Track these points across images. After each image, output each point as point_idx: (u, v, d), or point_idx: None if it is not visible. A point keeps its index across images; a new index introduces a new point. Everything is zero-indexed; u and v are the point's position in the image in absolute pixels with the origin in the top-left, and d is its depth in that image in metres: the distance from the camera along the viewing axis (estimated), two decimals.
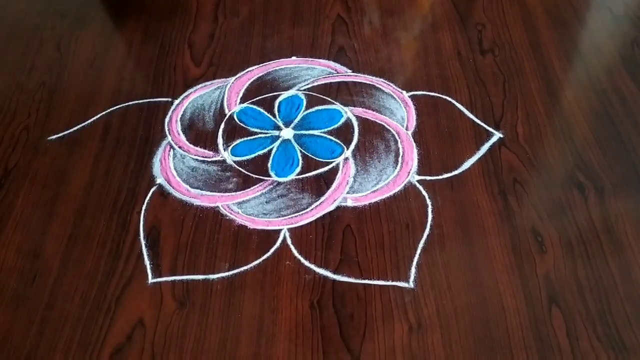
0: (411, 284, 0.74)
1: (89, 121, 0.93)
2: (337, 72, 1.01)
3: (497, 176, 0.85)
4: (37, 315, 0.71)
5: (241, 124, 0.93)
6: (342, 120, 0.93)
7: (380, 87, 0.98)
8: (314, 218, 0.81)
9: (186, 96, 0.97)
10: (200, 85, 0.99)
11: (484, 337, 0.69)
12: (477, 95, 0.96)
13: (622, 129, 0.91)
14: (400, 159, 0.87)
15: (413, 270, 0.75)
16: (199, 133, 0.92)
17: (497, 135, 0.90)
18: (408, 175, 0.85)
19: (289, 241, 0.78)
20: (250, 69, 1.02)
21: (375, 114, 0.94)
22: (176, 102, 0.96)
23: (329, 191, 0.84)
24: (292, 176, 0.86)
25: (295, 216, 0.81)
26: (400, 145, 0.89)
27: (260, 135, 0.91)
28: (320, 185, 0.84)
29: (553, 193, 0.83)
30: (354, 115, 0.94)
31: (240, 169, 0.87)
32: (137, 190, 0.84)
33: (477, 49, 1.04)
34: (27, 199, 0.83)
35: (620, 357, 0.67)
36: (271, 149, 0.89)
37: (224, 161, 0.88)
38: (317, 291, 0.73)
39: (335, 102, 0.96)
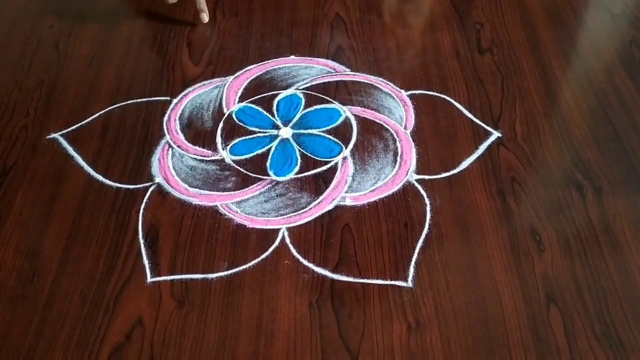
0: (410, 283, 0.74)
1: (88, 120, 0.93)
2: (336, 71, 1.01)
3: (495, 175, 0.85)
4: (36, 315, 0.71)
5: (240, 123, 0.93)
6: (341, 119, 0.93)
7: (378, 86, 0.98)
8: (312, 217, 0.81)
9: (185, 95, 0.97)
10: (198, 84, 0.99)
11: (482, 336, 0.69)
12: (476, 95, 0.96)
13: (620, 128, 0.91)
14: (398, 158, 0.88)
15: (411, 269, 0.75)
16: (198, 132, 0.92)
17: (495, 134, 0.91)
18: (407, 174, 0.85)
19: (287, 240, 0.78)
20: (249, 67, 1.02)
21: (374, 113, 0.94)
22: (175, 101, 0.96)
23: (328, 190, 0.84)
24: (291, 175, 0.86)
25: (294, 215, 0.81)
26: (398, 145, 0.89)
27: (258, 135, 0.91)
28: (319, 184, 0.85)
29: (551, 192, 0.83)
30: (353, 115, 0.94)
31: (239, 168, 0.87)
32: (135, 190, 0.84)
33: (475, 48, 1.04)
34: (25, 198, 0.83)
35: (618, 356, 0.67)
36: (270, 148, 0.89)
37: (222, 160, 0.88)
38: (316, 290, 0.73)
39: (333, 101, 0.96)
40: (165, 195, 0.83)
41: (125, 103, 0.96)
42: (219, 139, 0.91)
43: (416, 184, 0.84)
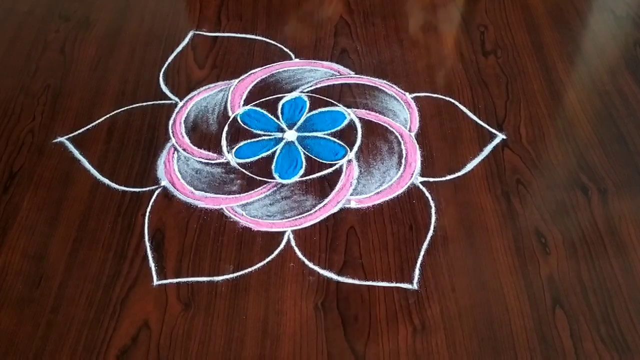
0: (415, 286, 0.74)
1: (94, 124, 0.94)
2: (340, 74, 1.01)
3: (500, 178, 0.85)
4: (43, 318, 0.72)
5: (245, 126, 0.93)
6: (345, 122, 0.93)
7: (383, 88, 0.98)
8: (317, 220, 0.81)
9: (190, 98, 0.98)
10: (203, 88, 0.99)
11: (488, 338, 0.69)
12: (480, 97, 0.96)
13: (624, 130, 0.91)
14: (403, 161, 0.88)
15: (417, 271, 0.75)
16: (203, 135, 0.92)
17: (500, 136, 0.91)
18: (411, 176, 0.86)
19: (293, 243, 0.78)
20: (253, 71, 1.02)
21: (379, 116, 0.94)
22: (180, 104, 0.97)
23: (333, 193, 0.84)
24: (296, 178, 0.86)
25: (299, 218, 0.81)
26: (403, 147, 0.89)
27: (263, 138, 0.92)
28: (324, 187, 0.85)
29: (556, 194, 0.83)
30: (357, 117, 0.94)
31: (244, 171, 0.87)
32: (141, 193, 0.84)
33: (479, 50, 1.04)
34: (32, 202, 0.83)
35: (623, 358, 0.67)
36: (275, 151, 0.89)
37: (227, 163, 0.88)
38: (321, 293, 0.73)
39: (338, 104, 0.96)
40: (171, 198, 0.84)
41: (130, 107, 0.96)
42: (224, 142, 0.91)
43: (421, 187, 0.84)
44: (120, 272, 0.76)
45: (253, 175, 0.86)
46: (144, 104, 0.96)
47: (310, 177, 0.86)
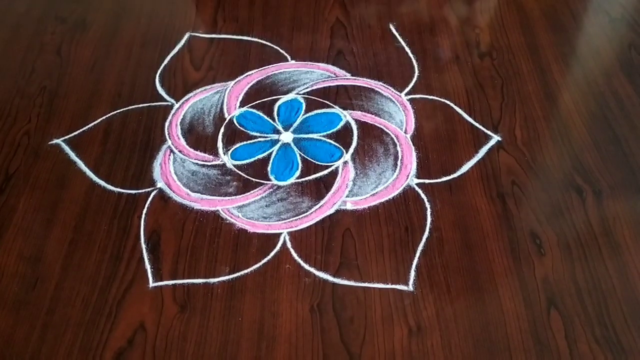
0: (410, 287, 0.74)
1: (90, 125, 0.94)
2: (336, 76, 1.01)
3: (495, 179, 0.85)
4: (39, 320, 0.72)
5: (241, 128, 0.93)
6: (341, 123, 0.94)
7: (379, 90, 0.99)
8: (313, 222, 0.81)
9: (186, 100, 0.98)
10: (199, 90, 0.99)
11: (483, 340, 0.69)
12: (476, 99, 0.97)
13: (619, 131, 0.92)
14: (399, 163, 0.88)
15: (412, 273, 0.75)
16: (199, 137, 0.92)
17: (495, 138, 0.91)
18: (407, 178, 0.86)
19: (289, 245, 0.79)
20: (250, 73, 1.02)
21: (374, 118, 0.94)
22: (176, 106, 0.97)
23: (329, 195, 0.84)
24: (292, 180, 0.86)
25: (295, 220, 0.81)
26: (399, 149, 0.90)
27: (259, 139, 0.92)
28: (320, 188, 0.85)
29: (551, 196, 0.84)
30: (353, 119, 0.94)
31: (240, 172, 0.87)
32: (137, 195, 0.84)
33: (475, 52, 1.05)
34: (28, 203, 0.83)
35: (617, 358, 0.67)
36: (271, 153, 0.90)
37: (223, 165, 0.88)
38: (317, 294, 0.74)
39: (334, 106, 0.96)
40: (167, 200, 0.84)
41: (126, 108, 0.96)
42: (220, 144, 0.91)
43: (417, 188, 0.84)
44: (116, 274, 0.76)
45: (249, 177, 0.87)
46: (140, 105, 0.96)
47: (306, 178, 0.86)
